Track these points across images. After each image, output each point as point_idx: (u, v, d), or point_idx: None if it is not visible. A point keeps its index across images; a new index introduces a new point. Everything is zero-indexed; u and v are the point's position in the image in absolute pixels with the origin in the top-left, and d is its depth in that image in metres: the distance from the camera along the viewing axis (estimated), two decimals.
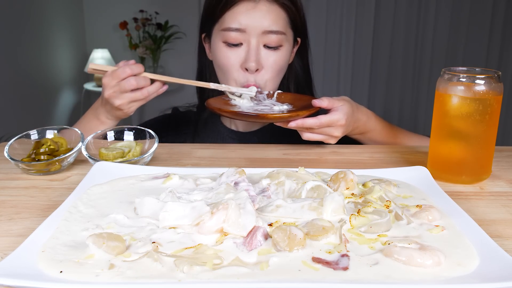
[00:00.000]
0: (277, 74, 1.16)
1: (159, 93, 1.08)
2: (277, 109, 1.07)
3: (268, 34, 1.11)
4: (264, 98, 1.13)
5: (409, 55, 4.07)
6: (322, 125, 0.98)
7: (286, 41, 1.15)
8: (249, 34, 1.11)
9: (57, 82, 3.77)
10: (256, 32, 1.11)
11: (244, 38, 1.12)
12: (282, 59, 1.15)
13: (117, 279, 0.50)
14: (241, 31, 1.11)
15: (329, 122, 0.98)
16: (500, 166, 0.94)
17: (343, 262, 0.53)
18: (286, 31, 1.15)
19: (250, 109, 1.06)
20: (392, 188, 0.74)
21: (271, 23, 1.11)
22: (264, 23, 1.10)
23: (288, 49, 1.17)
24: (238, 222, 0.58)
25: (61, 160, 0.86)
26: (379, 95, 4.19)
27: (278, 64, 1.15)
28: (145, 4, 4.08)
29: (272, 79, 1.16)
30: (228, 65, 1.14)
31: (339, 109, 0.99)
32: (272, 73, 1.14)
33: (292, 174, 0.75)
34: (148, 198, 0.65)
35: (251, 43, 1.11)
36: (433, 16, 3.96)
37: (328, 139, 1.02)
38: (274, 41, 1.12)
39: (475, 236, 0.59)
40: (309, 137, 1.01)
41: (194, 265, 0.51)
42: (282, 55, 1.15)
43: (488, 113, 0.81)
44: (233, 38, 1.12)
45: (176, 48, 4.19)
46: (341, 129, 1.00)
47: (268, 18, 1.11)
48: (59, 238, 0.58)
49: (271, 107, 1.08)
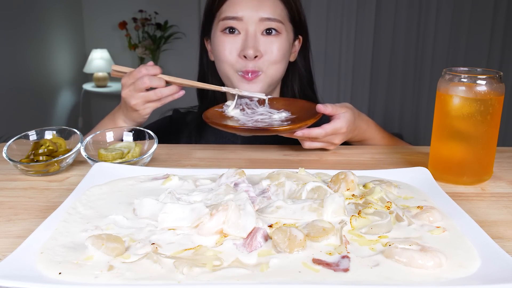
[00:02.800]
0: (277, 61, 1.15)
1: (175, 97, 1.08)
2: (277, 116, 1.05)
3: (265, 21, 1.12)
4: (256, 105, 1.11)
5: (410, 55, 4.06)
6: (327, 134, 0.98)
7: (284, 30, 1.15)
8: (246, 23, 1.12)
9: (56, 83, 3.76)
10: (253, 20, 1.12)
11: (241, 26, 1.13)
12: (281, 47, 1.15)
13: (116, 280, 0.50)
14: (238, 19, 1.12)
15: (333, 131, 0.98)
16: (501, 167, 0.94)
17: (344, 263, 0.53)
18: (284, 21, 1.15)
19: (250, 120, 1.03)
20: (393, 189, 0.74)
21: (268, 11, 1.12)
22: (261, 11, 1.12)
23: (287, 39, 1.17)
24: (238, 223, 0.58)
25: (60, 161, 0.86)
26: (380, 95, 4.19)
27: (278, 50, 1.14)
28: (144, 4, 4.08)
29: (273, 66, 1.15)
30: (226, 53, 1.14)
31: (341, 116, 0.99)
32: (272, 59, 1.14)
33: (292, 175, 0.75)
34: (148, 199, 0.64)
35: (249, 30, 1.12)
36: (434, 16, 3.95)
37: (328, 146, 1.02)
38: (273, 27, 1.13)
39: (476, 238, 0.59)
40: (310, 146, 1.01)
41: (193, 267, 0.51)
42: (281, 42, 1.15)
43: (490, 113, 0.80)
44: (231, 26, 1.13)
45: (176, 48, 4.19)
46: (342, 136, 1.01)
47: (264, 6, 1.12)
48: (58, 239, 0.58)
49: (269, 115, 1.06)
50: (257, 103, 1.12)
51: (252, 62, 1.13)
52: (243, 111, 1.08)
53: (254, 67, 1.13)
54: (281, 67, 1.18)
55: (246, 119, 1.03)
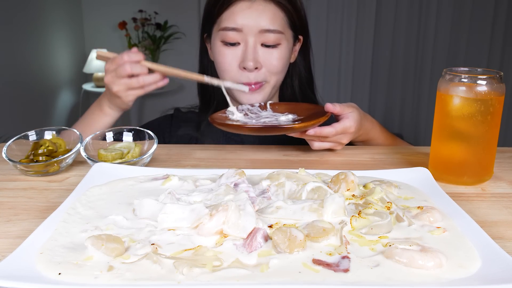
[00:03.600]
0: (277, 73, 1.16)
1: (159, 85, 1.07)
2: (284, 118, 1.03)
3: (265, 33, 1.11)
4: (258, 110, 1.11)
5: (410, 55, 4.06)
6: (337, 133, 0.97)
7: (284, 40, 1.15)
8: (246, 34, 1.11)
9: (55, 83, 3.76)
10: (252, 31, 1.11)
11: (241, 37, 1.12)
12: (281, 57, 1.15)
13: (116, 281, 0.49)
14: (238, 30, 1.11)
15: (342, 130, 0.98)
16: (502, 167, 0.94)
17: (344, 264, 0.53)
18: (284, 30, 1.14)
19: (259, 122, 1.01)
20: (393, 189, 0.74)
21: (268, 22, 1.11)
22: (261, 22, 1.11)
23: (287, 48, 1.17)
24: (238, 224, 0.58)
25: (59, 161, 0.86)
26: (380, 95, 4.19)
27: (278, 63, 1.14)
28: (144, 4, 4.08)
29: (274, 76, 1.16)
30: (225, 64, 1.14)
31: (349, 116, 0.99)
32: (272, 70, 1.14)
33: (292, 175, 0.74)
34: (147, 199, 0.64)
35: (249, 42, 1.12)
36: (434, 16, 3.95)
37: (336, 146, 1.02)
38: (271, 40, 1.12)
39: (476, 238, 0.59)
40: (319, 146, 1.01)
41: (193, 267, 0.51)
42: (281, 53, 1.15)
43: (490, 113, 0.80)
44: (230, 38, 1.12)
45: (176, 49, 4.18)
46: (349, 136, 1.00)
47: (264, 17, 1.11)
48: (57, 239, 0.58)
49: (276, 118, 1.05)
50: (259, 108, 1.11)
51: (253, 73, 1.13)
52: (246, 116, 1.07)
53: (256, 78, 1.13)
54: (282, 75, 1.20)
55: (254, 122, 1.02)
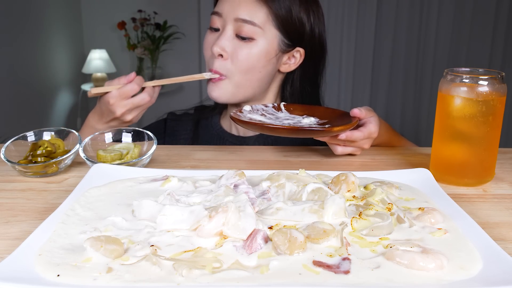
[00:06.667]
0: (242, 71, 1.10)
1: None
2: (307, 121, 1.00)
3: (241, 22, 1.07)
4: (273, 111, 1.05)
5: (411, 55, 4.06)
6: (364, 137, 0.94)
7: (262, 37, 1.08)
8: (225, 20, 1.10)
9: (54, 83, 3.76)
10: (229, 18, 1.09)
11: (221, 23, 1.11)
12: (251, 54, 1.08)
13: (115, 283, 0.49)
14: (219, 15, 1.11)
15: (368, 134, 0.94)
16: (503, 168, 0.94)
17: (344, 265, 0.53)
18: (264, 26, 1.08)
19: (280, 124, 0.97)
20: (394, 190, 0.74)
21: (246, 12, 1.07)
22: (239, 10, 1.08)
23: (263, 47, 1.09)
24: (237, 225, 0.58)
25: (58, 162, 0.86)
26: (381, 96, 4.19)
27: (245, 58, 1.08)
28: (143, 4, 4.08)
29: (239, 74, 1.10)
30: (204, 50, 1.15)
31: (372, 120, 0.95)
32: (237, 66, 1.09)
33: (292, 177, 0.74)
34: (147, 200, 0.64)
35: (226, 29, 1.10)
36: (435, 16, 3.95)
37: (357, 151, 0.99)
38: (244, 31, 1.07)
39: (478, 239, 0.58)
40: (343, 151, 0.97)
41: (193, 269, 0.51)
42: (253, 49, 1.08)
43: (492, 114, 0.80)
44: (213, 22, 1.13)
45: (175, 49, 4.18)
46: (371, 140, 0.98)
47: (243, 6, 1.08)
48: (56, 241, 0.57)
49: (297, 120, 1.01)
50: (273, 109, 1.05)
51: (218, 61, 1.10)
52: (264, 116, 1.01)
53: (218, 67, 1.10)
54: (252, 78, 1.11)
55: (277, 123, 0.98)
